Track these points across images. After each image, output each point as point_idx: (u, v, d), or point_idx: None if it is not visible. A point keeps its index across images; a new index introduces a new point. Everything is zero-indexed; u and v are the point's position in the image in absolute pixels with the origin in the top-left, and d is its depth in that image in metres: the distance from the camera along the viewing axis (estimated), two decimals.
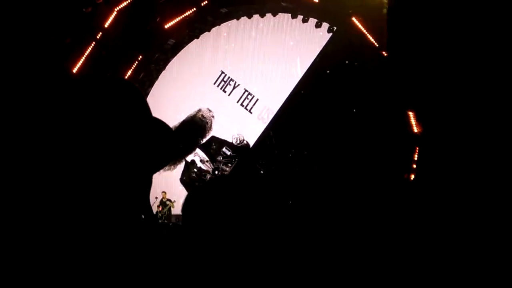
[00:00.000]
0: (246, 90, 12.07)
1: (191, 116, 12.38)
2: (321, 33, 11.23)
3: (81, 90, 1.29)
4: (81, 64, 10.51)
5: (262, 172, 11.53)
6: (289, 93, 11.46)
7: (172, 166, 12.67)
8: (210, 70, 12.43)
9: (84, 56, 10.52)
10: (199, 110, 12.37)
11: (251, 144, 11.92)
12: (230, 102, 12.21)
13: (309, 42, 11.38)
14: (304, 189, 10.68)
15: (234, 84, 12.20)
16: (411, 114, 9.49)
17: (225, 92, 12.27)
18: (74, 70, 10.28)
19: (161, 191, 11.96)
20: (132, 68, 11.66)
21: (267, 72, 11.82)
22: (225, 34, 12.24)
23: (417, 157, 9.23)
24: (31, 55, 8.79)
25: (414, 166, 9.01)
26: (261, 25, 11.87)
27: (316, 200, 10.09)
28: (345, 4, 10.21)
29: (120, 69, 11.46)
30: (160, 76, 12.83)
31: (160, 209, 11.75)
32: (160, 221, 11.12)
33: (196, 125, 12.40)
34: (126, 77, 11.59)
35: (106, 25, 10.64)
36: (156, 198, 11.80)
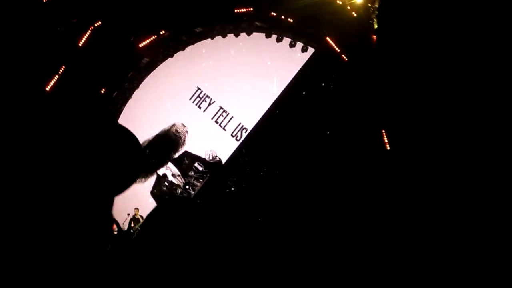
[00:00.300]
0: (221, 107, 12.14)
1: (165, 131, 12.37)
2: (298, 55, 11.43)
3: (50, 107, 1.32)
4: (55, 82, 10.43)
5: (233, 189, 11.56)
6: (264, 112, 11.58)
7: (143, 179, 12.59)
8: (186, 86, 12.47)
9: (58, 74, 10.45)
10: (173, 125, 12.38)
11: (223, 161, 11.95)
12: (204, 118, 12.25)
13: (286, 62, 11.55)
14: (274, 207, 10.72)
15: (210, 100, 12.26)
16: (384, 132, 9.67)
17: (200, 108, 12.32)
18: (48, 88, 10.20)
19: (133, 208, 11.81)
20: (106, 87, 11.62)
21: (244, 90, 11.92)
22: (203, 51, 12.33)
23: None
24: (4, 73, 8.76)
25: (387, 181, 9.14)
26: (240, 43, 12.02)
27: (285, 218, 10.14)
28: (320, 24, 10.40)
29: (93, 87, 11.42)
30: (133, 95, 12.81)
31: (133, 225, 11.58)
32: (133, 237, 10.95)
33: (169, 140, 12.38)
34: (99, 95, 11.57)
35: (80, 44, 10.61)
36: (128, 214, 11.64)
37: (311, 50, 11.36)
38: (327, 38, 10.42)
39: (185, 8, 11.19)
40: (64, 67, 10.50)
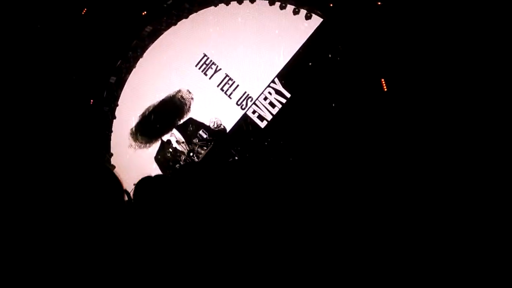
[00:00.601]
0: (227, 75, 12.07)
1: (170, 96, 12.34)
2: (306, 24, 11.29)
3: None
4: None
5: (236, 158, 11.60)
6: (269, 81, 11.53)
7: (148, 144, 12.65)
8: (192, 52, 12.37)
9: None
10: (179, 91, 12.33)
11: (228, 129, 11.96)
12: (210, 85, 12.20)
13: (294, 32, 11.42)
14: (278, 179, 10.76)
15: (216, 68, 12.18)
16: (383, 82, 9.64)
17: (206, 75, 12.25)
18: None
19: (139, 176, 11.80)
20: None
21: (250, 59, 11.83)
22: (210, 17, 12.18)
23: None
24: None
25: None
26: (247, 11, 11.86)
27: (289, 191, 10.19)
28: None
29: (97, 56, 11.35)
30: (138, 63, 12.71)
31: None
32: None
33: (174, 106, 12.36)
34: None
35: (82, 12, 10.47)
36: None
37: (315, 17, 11.20)
38: (331, 4, 10.26)
39: None
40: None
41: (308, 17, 11.13)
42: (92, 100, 11.41)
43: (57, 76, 10.24)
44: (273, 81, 11.51)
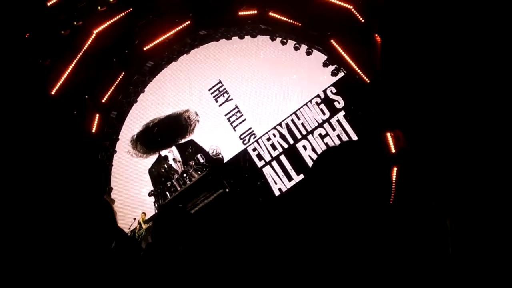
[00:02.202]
0: (237, 107, 12.04)
1: (177, 113, 12.35)
2: (325, 77, 11.22)
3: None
4: (59, 86, 10.35)
5: (227, 190, 11.55)
6: (276, 124, 11.51)
7: (145, 155, 12.67)
8: (208, 76, 12.37)
9: (63, 78, 10.36)
10: (187, 111, 12.34)
11: (225, 160, 11.93)
12: (218, 113, 12.18)
13: (311, 82, 11.36)
14: (262, 218, 10.73)
15: (228, 97, 12.16)
16: (388, 135, 9.57)
17: (216, 102, 12.23)
18: (53, 92, 10.19)
19: (140, 212, 11.75)
20: (111, 90, 11.55)
21: (263, 97, 11.78)
22: (234, 45, 12.13)
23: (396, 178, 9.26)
24: (8, 76, 8.84)
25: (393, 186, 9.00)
26: (271, 49, 11.80)
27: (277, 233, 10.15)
28: (324, 26, 10.18)
29: (98, 91, 11.40)
30: (139, 99, 12.72)
31: (137, 229, 11.47)
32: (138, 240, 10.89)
33: (179, 123, 12.37)
34: (104, 99, 11.53)
35: (84, 48, 10.48)
36: (134, 219, 11.52)
37: (315, 53, 11.23)
38: (332, 40, 10.20)
39: (189, 11, 11.05)
40: (68, 70, 10.46)
41: (309, 53, 11.08)
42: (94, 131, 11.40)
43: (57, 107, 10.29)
44: (279, 124, 11.46)
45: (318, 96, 11.26)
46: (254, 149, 11.68)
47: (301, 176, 11.16)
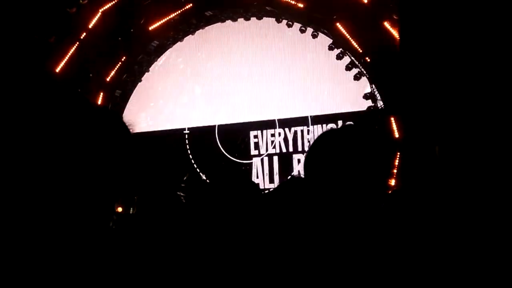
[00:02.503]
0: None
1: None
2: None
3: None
4: (64, 64, 10.28)
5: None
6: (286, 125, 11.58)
7: None
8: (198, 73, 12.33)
9: (68, 56, 10.29)
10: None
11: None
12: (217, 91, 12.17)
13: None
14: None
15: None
16: (393, 119, 9.54)
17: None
18: (57, 70, 10.10)
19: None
20: (115, 69, 11.36)
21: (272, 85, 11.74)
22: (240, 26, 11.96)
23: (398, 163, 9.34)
24: (13, 53, 8.80)
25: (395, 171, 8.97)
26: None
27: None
28: (330, 9, 10.08)
29: (103, 69, 11.29)
30: (143, 78, 12.48)
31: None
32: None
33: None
34: (109, 78, 11.42)
35: (90, 26, 10.41)
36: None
37: (321, 36, 10.95)
38: (337, 24, 10.10)
39: None
40: (73, 49, 10.39)
41: (314, 36, 10.99)
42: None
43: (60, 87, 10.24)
44: (289, 128, 11.45)
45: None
46: (256, 136, 11.70)
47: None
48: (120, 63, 11.29)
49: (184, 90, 12.36)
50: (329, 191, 1.49)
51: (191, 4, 11.08)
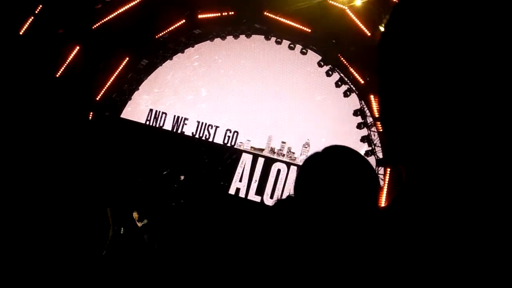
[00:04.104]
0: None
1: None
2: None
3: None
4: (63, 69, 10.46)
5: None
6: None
7: None
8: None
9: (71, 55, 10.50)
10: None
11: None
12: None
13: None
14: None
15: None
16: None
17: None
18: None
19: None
20: (111, 80, 11.55)
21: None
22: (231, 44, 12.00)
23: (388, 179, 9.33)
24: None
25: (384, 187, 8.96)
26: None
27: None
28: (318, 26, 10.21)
29: (101, 75, 11.43)
30: (133, 96, 12.58)
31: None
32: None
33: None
34: (106, 87, 11.54)
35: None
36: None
37: (310, 53, 11.08)
38: (328, 41, 10.32)
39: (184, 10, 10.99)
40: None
41: (303, 53, 11.05)
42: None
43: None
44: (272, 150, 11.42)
45: None
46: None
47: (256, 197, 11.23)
48: (113, 78, 11.30)
49: (191, 88, 12.38)
50: (320, 211, 1.51)
51: (180, 22, 11.11)
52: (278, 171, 11.23)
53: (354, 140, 10.36)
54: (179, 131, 12.07)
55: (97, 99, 11.30)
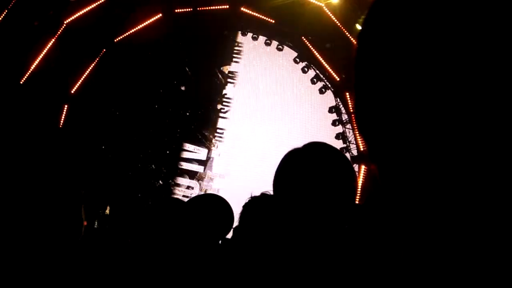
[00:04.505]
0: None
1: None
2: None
3: None
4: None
5: None
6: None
7: None
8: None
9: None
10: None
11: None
12: None
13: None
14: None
15: None
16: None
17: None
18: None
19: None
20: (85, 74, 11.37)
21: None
22: None
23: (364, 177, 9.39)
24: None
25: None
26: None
27: None
28: (295, 23, 10.30)
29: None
30: None
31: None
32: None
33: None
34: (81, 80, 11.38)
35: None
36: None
37: (286, 49, 11.09)
38: (303, 37, 10.32)
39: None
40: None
41: (279, 49, 11.05)
42: None
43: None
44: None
45: None
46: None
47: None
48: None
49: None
50: (297, 208, 1.50)
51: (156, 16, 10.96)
52: None
53: (329, 137, 10.39)
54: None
55: (72, 92, 11.09)
